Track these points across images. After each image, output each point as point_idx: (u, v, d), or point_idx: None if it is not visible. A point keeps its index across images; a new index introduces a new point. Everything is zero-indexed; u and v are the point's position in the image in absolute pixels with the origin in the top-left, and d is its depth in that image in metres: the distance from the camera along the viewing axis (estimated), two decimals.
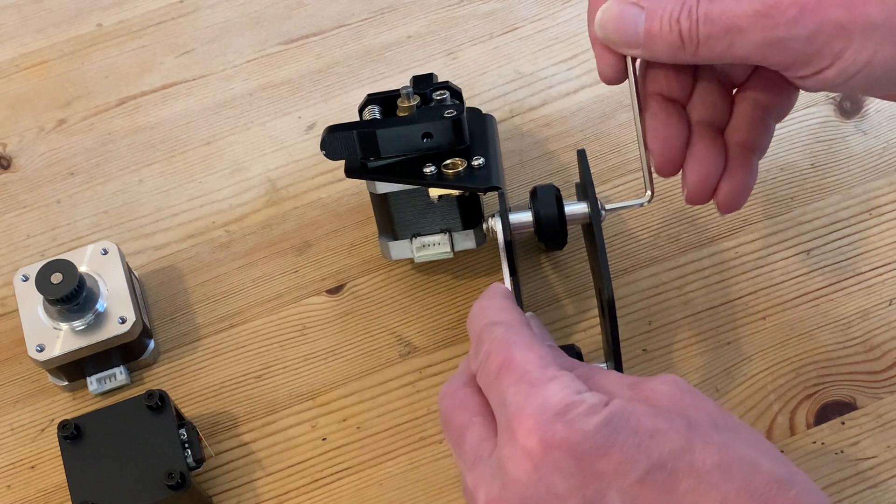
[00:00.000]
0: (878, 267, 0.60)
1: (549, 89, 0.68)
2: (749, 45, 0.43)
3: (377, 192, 0.57)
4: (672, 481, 0.39)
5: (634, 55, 0.47)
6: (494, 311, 0.46)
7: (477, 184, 0.55)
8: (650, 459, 0.39)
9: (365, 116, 0.58)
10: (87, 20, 0.74)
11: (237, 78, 0.71)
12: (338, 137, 0.55)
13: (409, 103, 0.57)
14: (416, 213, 0.57)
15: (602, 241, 0.52)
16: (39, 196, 0.67)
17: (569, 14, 0.71)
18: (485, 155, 0.55)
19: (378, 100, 0.58)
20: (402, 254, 0.59)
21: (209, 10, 0.74)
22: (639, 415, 0.40)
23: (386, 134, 0.55)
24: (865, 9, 0.41)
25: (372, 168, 0.56)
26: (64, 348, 0.57)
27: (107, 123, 0.70)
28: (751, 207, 0.62)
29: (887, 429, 0.55)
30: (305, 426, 0.58)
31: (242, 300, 0.62)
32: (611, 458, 0.39)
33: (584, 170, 0.54)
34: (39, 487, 0.58)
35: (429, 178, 0.55)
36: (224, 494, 0.57)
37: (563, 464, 0.39)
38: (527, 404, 0.41)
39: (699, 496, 0.38)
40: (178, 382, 0.60)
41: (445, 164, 0.55)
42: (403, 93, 0.57)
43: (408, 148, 0.55)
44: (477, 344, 0.45)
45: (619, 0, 0.46)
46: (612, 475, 0.39)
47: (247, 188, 0.66)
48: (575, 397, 0.40)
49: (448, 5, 0.72)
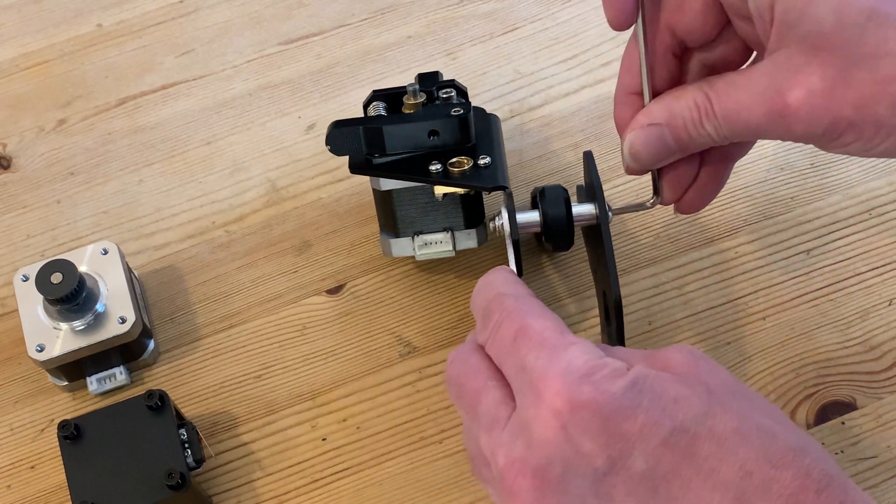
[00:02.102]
0: (878, 267, 0.60)
1: (549, 89, 0.68)
2: (768, 136, 0.45)
3: (381, 189, 0.57)
4: (693, 445, 0.39)
5: (674, 160, 0.50)
6: (501, 283, 0.47)
7: (484, 183, 0.55)
8: (674, 423, 0.39)
9: (370, 113, 0.58)
10: (87, 20, 0.74)
11: (237, 78, 0.71)
12: (343, 133, 0.55)
13: (416, 100, 0.57)
14: (419, 210, 0.57)
15: (610, 243, 0.52)
16: (39, 196, 0.67)
17: (569, 14, 0.71)
18: (490, 154, 0.55)
19: (383, 96, 0.58)
20: (404, 251, 0.58)
21: (209, 10, 0.74)
22: (662, 380, 0.40)
23: (392, 130, 0.55)
24: (876, 109, 0.42)
25: (377, 164, 0.56)
26: (64, 348, 0.57)
27: (107, 123, 0.70)
28: (751, 207, 0.62)
29: (887, 429, 0.55)
30: (305, 426, 0.58)
31: (242, 300, 0.62)
32: (636, 419, 0.39)
33: (591, 171, 0.54)
34: (39, 487, 0.58)
35: (434, 176, 0.55)
36: (224, 494, 0.57)
37: (590, 424, 0.40)
38: (551, 367, 0.41)
39: (719, 461, 0.39)
40: (178, 382, 0.60)
41: (451, 163, 0.55)
42: (409, 90, 0.57)
43: (413, 145, 0.55)
44: (485, 315, 0.45)
45: (638, 128, 0.49)
46: (636, 437, 0.39)
47: (247, 188, 0.66)
48: (598, 360, 0.41)
49: (448, 5, 0.72)
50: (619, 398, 0.40)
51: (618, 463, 0.39)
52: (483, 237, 0.59)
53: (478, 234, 0.58)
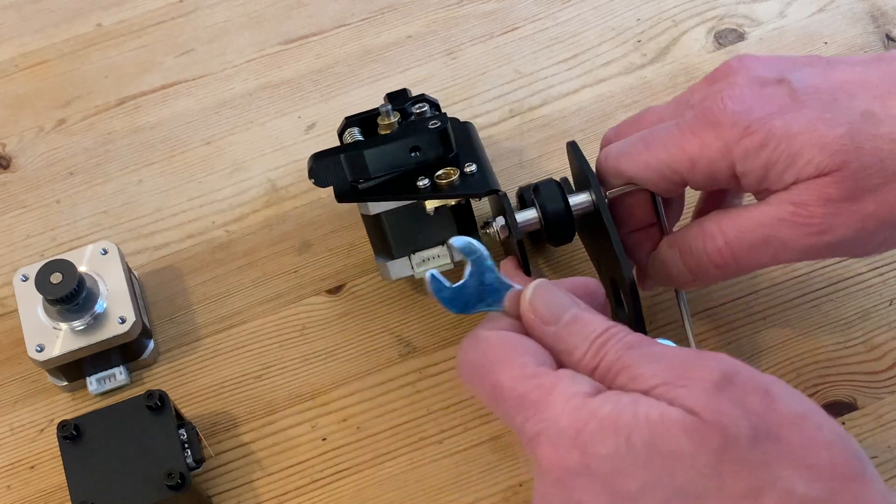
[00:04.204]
0: (878, 267, 0.60)
1: (549, 89, 0.68)
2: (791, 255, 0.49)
3: (370, 214, 0.57)
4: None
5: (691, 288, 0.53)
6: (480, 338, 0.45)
7: (475, 189, 0.54)
8: (674, 484, 0.38)
9: (346, 140, 0.57)
10: (87, 20, 0.74)
11: (237, 78, 0.71)
12: (325, 163, 0.55)
13: (391, 120, 0.56)
14: (412, 229, 0.57)
15: (613, 226, 0.51)
16: (39, 196, 0.67)
17: (569, 14, 0.71)
18: (475, 161, 0.55)
19: (357, 121, 0.58)
20: (402, 272, 0.58)
21: (209, 10, 0.74)
22: (662, 431, 0.38)
23: (374, 153, 0.54)
24: None
25: (363, 190, 0.55)
26: (63, 348, 0.57)
27: (106, 123, 0.69)
28: None
29: (888, 429, 0.55)
30: (305, 426, 0.58)
31: (242, 300, 0.62)
32: (635, 478, 0.38)
33: (579, 159, 0.54)
34: (39, 487, 0.57)
35: (424, 192, 0.55)
36: (224, 494, 0.57)
37: (589, 487, 0.39)
38: (539, 431, 0.40)
39: None
40: (178, 382, 0.60)
41: (438, 175, 0.55)
42: (383, 111, 0.56)
43: (397, 165, 0.55)
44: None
45: (662, 249, 0.52)
46: (638, 493, 0.38)
47: (247, 188, 0.66)
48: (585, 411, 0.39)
49: (448, 5, 0.72)
50: (612, 459, 0.38)
51: None
52: None
53: None
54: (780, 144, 0.47)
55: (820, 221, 0.47)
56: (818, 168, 0.46)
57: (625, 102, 0.67)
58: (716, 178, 0.49)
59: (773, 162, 0.47)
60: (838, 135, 0.46)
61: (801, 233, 0.47)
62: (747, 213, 0.49)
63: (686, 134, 0.49)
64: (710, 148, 0.48)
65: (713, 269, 0.50)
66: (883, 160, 0.46)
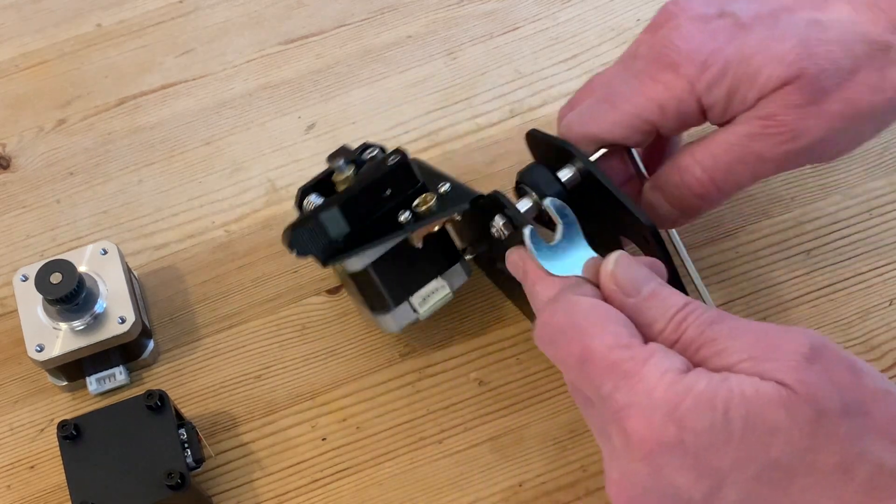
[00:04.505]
0: (878, 267, 0.60)
1: (549, 89, 0.68)
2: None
3: (357, 270, 0.54)
4: (789, 480, 0.38)
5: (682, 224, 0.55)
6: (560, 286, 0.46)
7: (459, 203, 0.53)
8: (768, 457, 0.38)
9: (307, 208, 0.55)
10: (87, 20, 0.74)
11: (237, 78, 0.71)
12: (304, 231, 0.53)
13: (347, 174, 0.54)
14: (402, 271, 0.55)
15: (610, 182, 0.51)
16: (39, 196, 0.67)
17: (569, 14, 0.71)
18: (443, 181, 0.54)
19: (313, 187, 0.56)
20: (406, 319, 0.56)
21: (209, 10, 0.74)
22: (757, 406, 0.38)
23: (347, 206, 0.53)
24: None
25: (348, 245, 0.53)
26: (63, 348, 0.57)
27: (106, 123, 0.70)
28: (751, 207, 0.62)
29: None
30: (305, 426, 0.58)
31: (242, 300, 0.62)
32: (727, 454, 0.38)
33: (548, 138, 0.53)
34: (39, 487, 0.58)
35: (409, 226, 0.53)
36: (224, 494, 0.57)
37: (681, 462, 0.39)
38: (630, 401, 0.40)
39: (817, 495, 0.38)
40: (178, 382, 0.60)
41: (416, 205, 0.53)
42: (336, 167, 0.55)
43: (372, 210, 0.53)
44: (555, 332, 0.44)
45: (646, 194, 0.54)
46: (728, 470, 0.38)
47: (247, 188, 0.66)
48: (680, 385, 0.39)
49: (448, 5, 0.72)
50: (708, 434, 0.38)
51: (711, 496, 0.39)
52: (468, 268, 0.57)
53: (463, 266, 0.57)
54: (738, 69, 0.49)
55: (790, 128, 0.48)
56: (779, 80, 0.48)
57: None
58: (686, 117, 0.51)
59: (736, 87, 0.49)
60: (790, 46, 0.48)
61: (774, 142, 0.49)
62: (718, 137, 0.50)
63: (647, 82, 0.51)
64: (674, 89, 0.50)
65: (696, 200, 0.52)
66: (836, 61, 0.48)
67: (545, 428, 0.57)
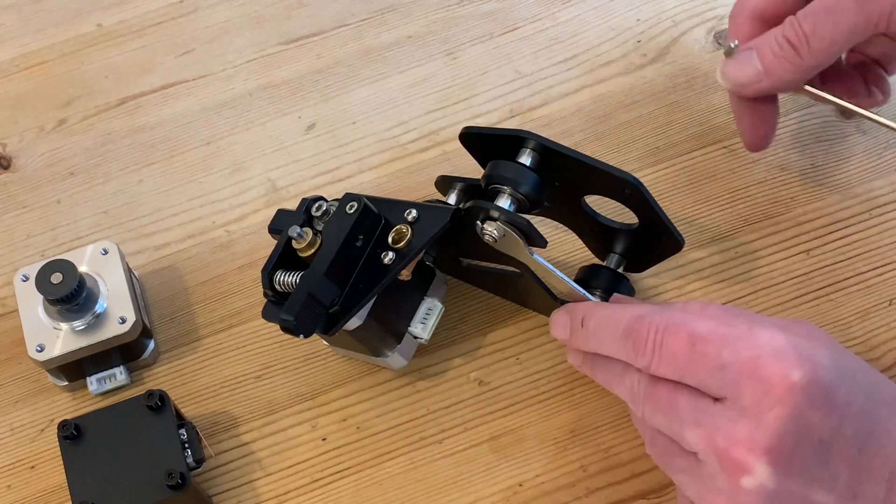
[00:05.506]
0: (878, 267, 0.60)
1: (549, 89, 0.68)
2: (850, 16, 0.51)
3: (356, 327, 0.53)
4: (876, 411, 0.44)
5: (761, 89, 0.55)
6: (617, 308, 0.50)
7: (437, 224, 0.52)
8: (861, 391, 0.44)
9: (278, 288, 0.52)
10: (87, 20, 0.74)
11: (237, 78, 0.71)
12: (303, 312, 0.50)
13: (309, 238, 0.52)
14: (394, 308, 0.55)
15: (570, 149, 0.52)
16: (39, 196, 0.67)
17: (569, 14, 0.71)
18: (405, 207, 0.53)
19: (279, 265, 0.53)
20: (411, 349, 0.56)
21: (209, 10, 0.74)
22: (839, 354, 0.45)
23: (331, 270, 0.51)
24: None
25: (344, 306, 0.52)
26: (64, 348, 0.57)
27: (107, 123, 0.70)
28: (751, 207, 0.62)
29: None
30: (305, 426, 0.58)
31: (242, 300, 0.62)
32: (841, 390, 0.43)
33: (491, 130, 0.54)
34: (39, 487, 0.58)
35: (394, 264, 0.52)
36: (224, 494, 0.57)
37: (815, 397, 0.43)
38: (758, 354, 0.44)
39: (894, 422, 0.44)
40: (178, 382, 0.60)
41: (393, 241, 0.52)
42: (294, 235, 0.51)
43: (352, 264, 0.52)
44: (633, 341, 0.47)
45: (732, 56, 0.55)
46: (844, 406, 0.43)
47: (247, 188, 0.66)
48: (792, 336, 0.44)
49: (448, 5, 0.72)
50: (829, 371, 0.43)
51: (837, 431, 0.43)
52: (444, 278, 0.59)
53: (439, 276, 0.57)
54: None
55: None
56: None
57: (625, 103, 0.67)
58: None
59: None
60: None
61: None
62: None
63: None
64: None
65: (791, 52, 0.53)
66: None
67: (545, 428, 0.57)
